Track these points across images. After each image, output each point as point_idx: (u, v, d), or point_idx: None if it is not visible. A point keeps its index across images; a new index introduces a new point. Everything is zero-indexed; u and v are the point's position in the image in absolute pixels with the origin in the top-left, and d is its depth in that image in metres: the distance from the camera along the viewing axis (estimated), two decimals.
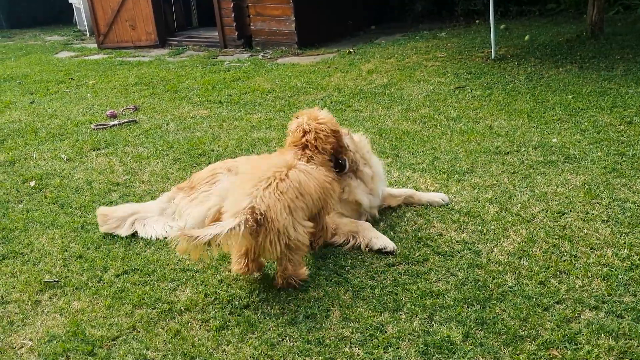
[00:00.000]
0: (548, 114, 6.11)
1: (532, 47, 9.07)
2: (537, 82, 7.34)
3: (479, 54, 9.04)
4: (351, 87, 7.95)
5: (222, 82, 8.84)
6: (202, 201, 4.19)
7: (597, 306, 3.10)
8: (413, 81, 7.96)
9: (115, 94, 8.71)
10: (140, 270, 3.89)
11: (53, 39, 14.93)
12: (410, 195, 4.49)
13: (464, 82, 7.64)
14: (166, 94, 8.44)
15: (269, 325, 3.25)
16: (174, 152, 5.96)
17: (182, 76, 9.49)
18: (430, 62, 8.92)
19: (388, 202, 4.45)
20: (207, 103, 7.80)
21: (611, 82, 6.93)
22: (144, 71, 10.10)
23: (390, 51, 9.89)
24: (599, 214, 4.03)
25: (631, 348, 2.76)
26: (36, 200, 5.09)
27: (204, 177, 4.33)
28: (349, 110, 6.96)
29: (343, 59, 9.78)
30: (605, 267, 3.43)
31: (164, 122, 7.06)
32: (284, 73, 9.12)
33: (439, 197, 4.44)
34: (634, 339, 2.82)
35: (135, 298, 3.58)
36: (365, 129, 6.18)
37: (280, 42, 11.17)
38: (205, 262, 3.91)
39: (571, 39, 9.16)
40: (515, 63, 8.29)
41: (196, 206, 4.19)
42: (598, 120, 5.76)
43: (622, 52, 8.12)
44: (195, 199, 4.23)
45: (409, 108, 6.82)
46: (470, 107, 6.62)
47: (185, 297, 3.57)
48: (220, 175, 4.28)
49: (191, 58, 11.07)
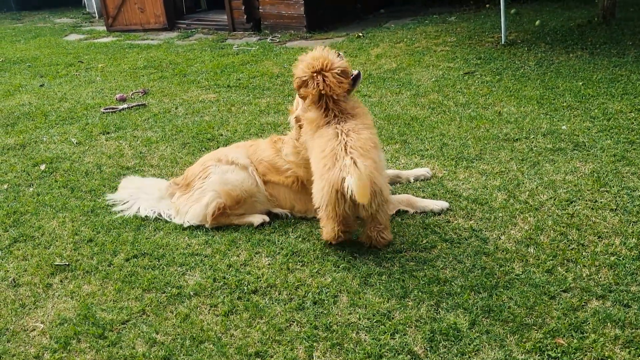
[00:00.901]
0: (558, 101, 6.07)
1: (542, 32, 8.98)
2: (547, 68, 7.28)
3: (488, 39, 8.97)
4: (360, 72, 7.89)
5: (231, 65, 8.82)
6: (198, 198, 4.22)
7: (604, 295, 3.11)
8: (422, 66, 7.91)
9: (124, 78, 8.72)
10: (150, 255, 3.93)
11: (62, 21, 14.92)
12: (397, 175, 4.64)
13: (474, 68, 7.59)
14: (175, 77, 8.45)
15: (276, 311, 3.28)
16: (182, 137, 5.98)
17: (191, 60, 9.48)
18: (440, 46, 8.86)
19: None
20: (215, 87, 7.80)
21: (622, 69, 6.87)
22: (152, 54, 10.10)
23: (399, 35, 9.83)
24: (608, 202, 4.02)
25: (637, 337, 2.78)
26: (46, 184, 5.13)
27: (197, 172, 4.35)
28: (357, 95, 6.93)
29: (352, 43, 9.73)
30: (613, 255, 3.43)
31: (173, 106, 7.07)
32: (293, 57, 9.08)
33: (423, 171, 4.64)
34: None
35: (144, 282, 3.63)
36: (374, 115, 6.17)
37: (289, 25, 11.12)
38: (214, 247, 3.95)
39: (582, 24, 9.06)
40: (525, 48, 8.22)
41: (193, 204, 4.23)
42: (608, 108, 5.71)
43: (634, 38, 8.03)
44: (191, 197, 4.26)
45: (418, 93, 6.80)
46: (479, 93, 6.59)
47: (194, 281, 3.61)
48: (212, 167, 4.30)
49: (200, 41, 11.04)
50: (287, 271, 3.64)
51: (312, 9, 10.95)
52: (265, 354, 2.99)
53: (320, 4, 11.07)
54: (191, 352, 3.04)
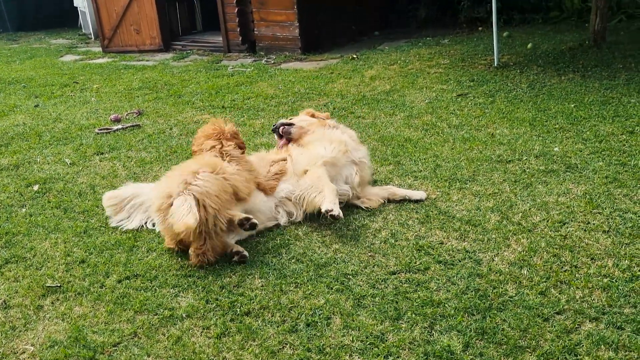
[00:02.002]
0: (550, 123, 6.12)
1: (534, 55, 9.09)
2: (540, 90, 7.35)
3: (481, 62, 9.07)
4: (354, 93, 7.97)
5: (226, 87, 8.87)
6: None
7: (598, 317, 3.10)
8: (416, 88, 7.98)
9: (119, 98, 8.74)
10: (142, 276, 3.91)
11: (58, 42, 15.00)
12: (392, 193, 4.74)
13: (467, 90, 7.66)
14: (170, 98, 8.48)
15: (269, 333, 3.26)
16: (177, 157, 5.98)
17: (186, 80, 9.53)
18: (433, 69, 8.94)
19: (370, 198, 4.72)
20: (210, 108, 7.83)
21: (613, 91, 6.94)
22: (148, 75, 10.14)
23: (393, 57, 9.92)
24: (600, 224, 4.04)
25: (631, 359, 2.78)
26: (39, 205, 5.11)
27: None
28: (351, 117, 6.99)
29: (346, 64, 9.81)
30: (606, 277, 3.44)
31: (168, 127, 7.09)
32: (287, 78, 9.15)
33: (419, 195, 4.70)
34: (634, 350, 2.83)
35: (137, 304, 3.60)
36: (368, 136, 6.20)
37: (284, 47, 11.21)
38: (207, 268, 3.93)
39: (574, 47, 9.18)
40: (517, 71, 8.31)
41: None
42: (600, 130, 5.77)
43: (624, 61, 8.13)
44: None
45: (412, 115, 6.84)
46: (472, 115, 6.64)
47: (186, 303, 3.59)
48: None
49: (195, 62, 11.11)
50: (280, 292, 3.62)
51: (307, 31, 11.06)
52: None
53: (315, 26, 11.18)
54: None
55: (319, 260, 3.92)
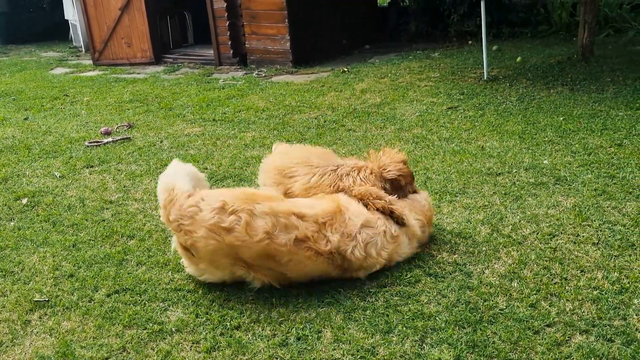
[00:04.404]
0: (539, 136, 6.17)
1: (523, 69, 9.17)
2: (529, 103, 7.41)
3: (471, 75, 9.13)
4: (345, 106, 8.00)
5: (217, 99, 8.88)
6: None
7: (588, 330, 3.11)
8: (406, 101, 8.02)
9: (109, 111, 8.72)
10: (132, 290, 3.88)
11: (48, 55, 14.96)
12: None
13: (457, 103, 7.71)
14: (160, 111, 8.47)
15: (260, 347, 3.24)
16: None
17: (177, 93, 9.52)
18: (424, 82, 9.00)
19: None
20: (201, 121, 7.83)
21: (601, 105, 7.01)
22: (138, 88, 10.13)
23: (384, 71, 9.97)
24: (590, 236, 4.06)
25: None
26: (28, 218, 5.07)
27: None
28: (342, 130, 7.00)
29: (337, 77, 9.86)
30: (596, 290, 3.45)
31: (158, 140, 7.07)
32: (279, 91, 9.17)
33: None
34: None
35: (125, 318, 3.57)
36: (359, 149, 6.21)
37: (275, 60, 11.24)
38: (197, 281, 3.91)
39: (562, 61, 9.27)
40: (507, 84, 8.37)
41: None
42: (588, 143, 5.81)
43: (612, 75, 8.22)
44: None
45: (402, 128, 6.87)
46: (462, 128, 6.68)
47: (176, 317, 3.56)
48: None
49: (186, 75, 11.12)
50: (270, 306, 3.60)
51: (298, 44, 11.11)
52: None
53: (306, 40, 11.23)
54: None
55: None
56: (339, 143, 6.50)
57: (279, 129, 7.22)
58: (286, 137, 6.83)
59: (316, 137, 6.75)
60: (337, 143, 6.51)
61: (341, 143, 6.49)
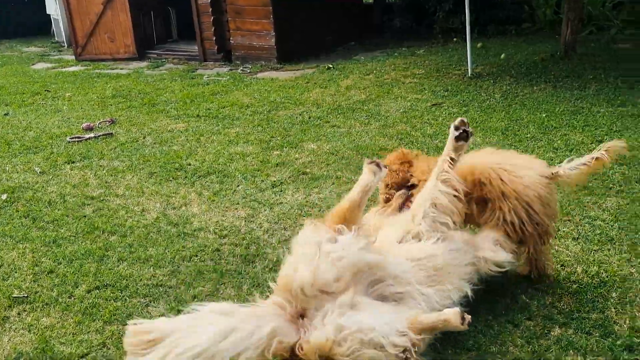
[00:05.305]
0: (522, 132, 6.21)
1: (507, 66, 9.22)
2: (512, 100, 7.46)
3: (455, 72, 9.17)
4: (329, 103, 7.99)
5: (201, 95, 8.83)
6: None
7: (566, 322, 3.14)
8: (391, 97, 8.03)
9: (91, 107, 8.64)
10: (113, 286, 3.85)
11: (30, 50, 14.78)
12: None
13: (441, 99, 7.73)
14: (144, 107, 8.40)
15: None
16: (150, 166, 5.92)
17: (161, 89, 9.46)
18: (408, 78, 9.02)
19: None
20: (185, 117, 7.78)
21: (583, 101, 7.07)
22: (121, 84, 10.05)
23: (369, 67, 9.98)
24: (570, 231, 4.09)
25: None
26: (7, 214, 5.01)
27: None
28: (327, 126, 7.00)
29: (322, 74, 9.84)
30: (575, 283, 3.48)
31: (141, 136, 7.02)
32: (263, 87, 9.14)
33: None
34: (601, 355, 2.87)
35: (106, 314, 3.54)
36: (343, 145, 6.22)
37: (260, 56, 11.20)
38: (179, 278, 3.89)
39: (546, 59, 9.33)
40: (491, 81, 8.42)
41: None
42: (570, 139, 5.86)
43: (594, 72, 8.29)
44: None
45: (387, 124, 6.88)
46: (446, 124, 6.69)
47: (157, 313, 3.54)
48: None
49: (170, 71, 11.04)
50: None
51: (283, 41, 11.07)
52: None
53: (291, 36, 11.20)
54: None
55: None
56: (323, 139, 6.49)
57: (264, 125, 7.20)
58: (271, 133, 6.81)
59: (300, 133, 6.74)
60: (321, 139, 6.50)
61: (325, 139, 6.49)
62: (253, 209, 4.89)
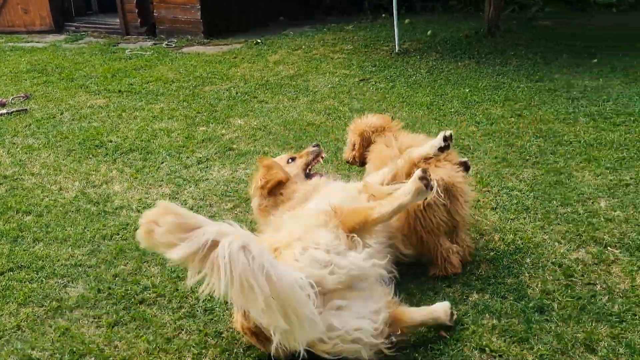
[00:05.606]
0: (446, 107, 6.35)
1: (433, 42, 9.38)
2: (438, 75, 7.60)
3: (383, 48, 9.24)
4: (257, 78, 7.89)
5: (123, 70, 8.50)
6: None
7: (483, 288, 3.25)
8: (319, 73, 8.01)
9: (4, 82, 8.16)
10: (28, 267, 3.68)
11: None
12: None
13: (369, 75, 7.79)
14: (61, 82, 8.01)
15: (165, 320, 3.17)
16: (68, 143, 5.67)
17: (80, 64, 9.04)
18: (337, 54, 9.02)
19: None
20: (106, 92, 7.47)
21: (504, 77, 7.31)
22: (37, 58, 9.53)
23: (297, 43, 9.90)
24: (489, 201, 4.24)
25: (512, 326, 2.93)
26: None
27: None
28: (254, 101, 6.91)
29: (250, 49, 9.69)
30: (492, 251, 3.61)
31: (58, 112, 6.69)
32: (189, 62, 8.91)
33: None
34: (515, 317, 2.99)
35: (20, 296, 3.38)
36: (271, 120, 6.16)
37: (186, 30, 10.89)
38: (99, 257, 3.76)
39: (470, 35, 9.56)
40: (417, 57, 8.54)
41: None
42: (491, 113, 6.05)
43: (515, 49, 8.57)
44: None
45: (314, 100, 6.87)
46: (373, 99, 6.76)
47: (76, 293, 3.41)
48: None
49: (90, 45, 10.56)
50: (177, 279, 3.52)
51: (210, 15, 10.81)
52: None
53: (218, 10, 10.94)
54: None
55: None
56: (250, 115, 6.41)
57: (189, 100, 7.02)
58: (196, 109, 6.65)
59: (227, 109, 6.62)
60: (249, 115, 6.42)
61: (253, 115, 6.41)
62: (178, 185, 4.78)
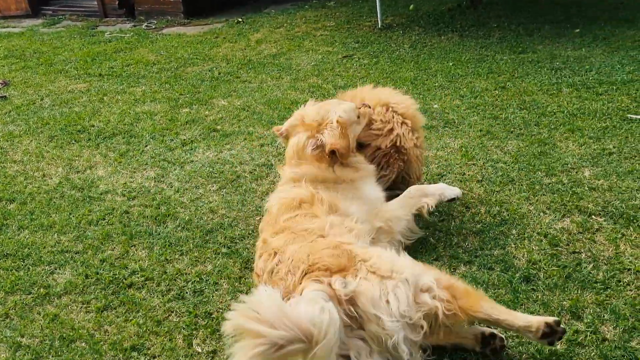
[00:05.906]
0: (430, 81, 6.33)
1: (416, 17, 9.32)
2: (421, 50, 7.57)
3: (366, 23, 9.17)
4: (240, 58, 7.81)
5: (103, 53, 8.38)
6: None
7: (471, 260, 3.28)
8: (302, 51, 7.95)
9: None
10: (14, 255, 3.66)
11: None
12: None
13: (352, 51, 7.73)
14: (40, 67, 7.88)
15: (154, 303, 3.17)
16: (49, 129, 5.60)
17: (58, 48, 8.89)
18: (319, 31, 8.94)
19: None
20: (86, 76, 7.37)
21: (488, 50, 7.29)
22: (14, 43, 9.36)
23: (279, 20, 9.80)
24: (474, 174, 4.25)
25: (500, 296, 2.96)
26: None
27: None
28: (237, 81, 6.85)
29: (231, 28, 9.58)
30: (479, 224, 3.63)
31: (38, 98, 6.60)
32: (170, 44, 8.80)
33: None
34: (502, 288, 3.02)
35: (7, 284, 3.37)
36: (254, 100, 6.11)
37: (166, 11, 10.74)
38: (85, 243, 3.74)
39: (452, 9, 9.50)
40: (400, 32, 8.49)
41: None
42: (475, 86, 6.04)
43: (498, 21, 8.54)
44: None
45: (298, 78, 6.82)
46: (357, 76, 6.73)
47: (64, 279, 3.40)
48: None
49: (68, 28, 10.38)
50: (165, 262, 3.52)
51: None
52: (142, 346, 2.87)
53: None
54: (61, 353, 2.86)
55: (206, 227, 3.84)
56: (233, 95, 6.36)
57: (171, 82, 6.95)
58: (179, 91, 6.59)
59: (210, 90, 6.56)
60: (232, 95, 6.36)
61: (236, 95, 6.35)
62: (163, 168, 4.74)
